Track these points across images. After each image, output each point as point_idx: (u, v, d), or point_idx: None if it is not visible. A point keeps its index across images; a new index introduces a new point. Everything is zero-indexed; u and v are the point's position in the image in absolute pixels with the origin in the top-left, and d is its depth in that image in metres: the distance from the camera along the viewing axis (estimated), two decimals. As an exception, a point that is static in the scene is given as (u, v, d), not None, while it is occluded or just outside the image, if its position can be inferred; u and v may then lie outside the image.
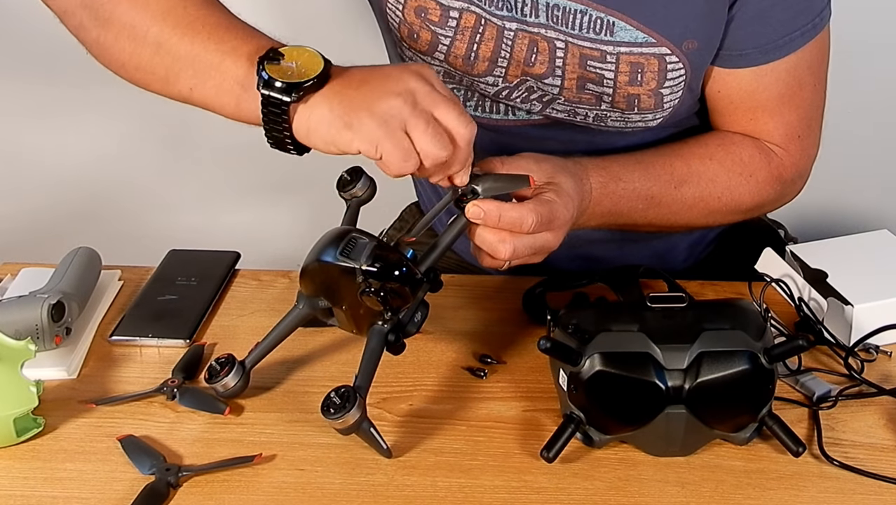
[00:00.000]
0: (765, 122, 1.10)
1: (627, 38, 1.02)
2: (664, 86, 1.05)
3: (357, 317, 0.90)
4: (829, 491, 0.85)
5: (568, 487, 0.85)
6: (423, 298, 0.91)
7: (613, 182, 1.02)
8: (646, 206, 1.05)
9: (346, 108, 0.83)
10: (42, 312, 0.98)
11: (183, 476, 0.86)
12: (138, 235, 1.62)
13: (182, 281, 1.13)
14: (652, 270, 1.08)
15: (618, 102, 1.06)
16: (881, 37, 1.66)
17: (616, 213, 1.04)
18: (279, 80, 0.83)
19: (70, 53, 1.03)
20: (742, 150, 1.10)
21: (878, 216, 1.66)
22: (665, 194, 1.06)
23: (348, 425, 0.85)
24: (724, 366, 0.84)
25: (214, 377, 0.93)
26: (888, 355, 1.01)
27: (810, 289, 1.06)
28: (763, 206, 1.14)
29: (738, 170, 1.09)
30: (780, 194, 1.13)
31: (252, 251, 1.22)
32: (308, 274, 0.91)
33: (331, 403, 0.85)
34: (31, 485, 0.87)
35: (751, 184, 1.10)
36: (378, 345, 0.89)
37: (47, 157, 1.85)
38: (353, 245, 0.88)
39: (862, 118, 1.74)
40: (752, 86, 1.07)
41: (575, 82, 1.05)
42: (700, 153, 1.09)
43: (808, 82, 1.09)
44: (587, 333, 0.86)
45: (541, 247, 0.91)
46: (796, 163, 1.12)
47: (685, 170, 1.07)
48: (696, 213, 1.09)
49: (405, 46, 1.09)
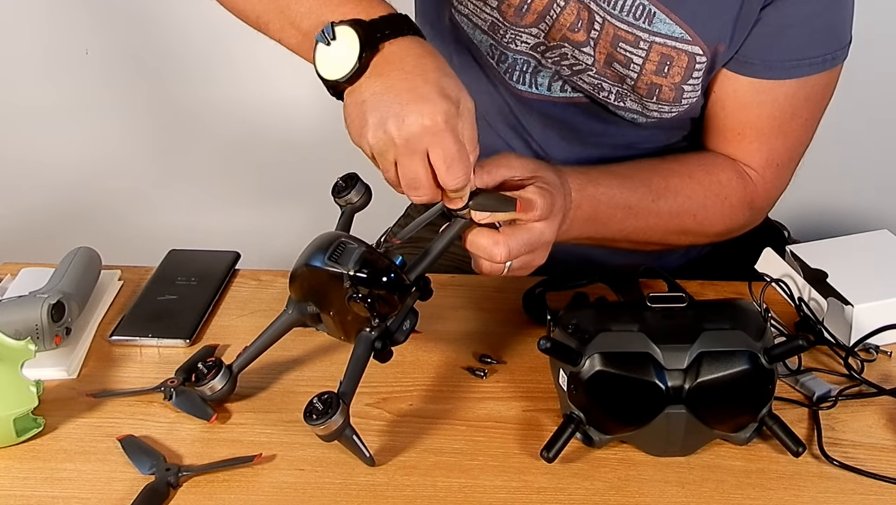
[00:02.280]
0: (750, 141, 1.10)
1: (665, 31, 1.03)
2: (687, 82, 1.06)
3: (345, 323, 0.89)
4: (829, 491, 0.85)
5: (568, 487, 0.85)
6: (413, 307, 0.90)
7: (592, 185, 1.01)
8: (624, 216, 1.04)
9: (377, 107, 0.83)
10: (42, 312, 0.98)
11: (183, 476, 0.86)
12: (138, 235, 1.62)
13: (182, 281, 1.13)
14: (652, 269, 1.08)
15: (639, 88, 1.07)
16: (882, 37, 1.66)
17: (595, 220, 1.03)
18: (322, 72, 0.85)
19: (70, 54, 1.03)
20: (721, 173, 1.10)
21: (877, 216, 1.66)
22: (642, 206, 1.05)
23: (330, 432, 0.84)
24: (724, 366, 0.84)
25: (201, 380, 0.93)
26: (888, 355, 1.01)
27: (810, 289, 1.06)
28: (731, 231, 1.14)
29: (715, 190, 1.09)
30: (748, 221, 1.14)
31: (252, 251, 1.22)
32: (297, 279, 0.91)
33: (313, 408, 0.84)
34: (31, 485, 0.87)
35: (724, 207, 1.10)
36: (364, 352, 0.88)
37: (48, 158, 1.85)
38: (342, 250, 0.87)
39: (862, 118, 1.74)
40: (747, 98, 1.08)
41: (604, 58, 1.06)
42: (679, 170, 1.09)
43: (802, 114, 1.09)
44: (587, 333, 0.86)
45: (536, 241, 0.90)
46: (768, 191, 1.13)
47: (663, 184, 1.07)
48: (671, 228, 1.09)
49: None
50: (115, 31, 1.70)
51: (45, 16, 1.14)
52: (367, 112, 0.83)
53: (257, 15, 0.94)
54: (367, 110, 0.83)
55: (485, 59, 1.15)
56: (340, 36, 0.84)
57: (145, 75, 1.74)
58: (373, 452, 0.88)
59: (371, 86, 0.83)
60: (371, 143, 0.83)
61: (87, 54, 1.74)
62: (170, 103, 1.76)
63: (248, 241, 1.25)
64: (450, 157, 0.81)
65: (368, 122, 0.82)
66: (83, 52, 1.73)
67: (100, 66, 1.74)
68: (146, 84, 1.75)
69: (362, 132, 0.83)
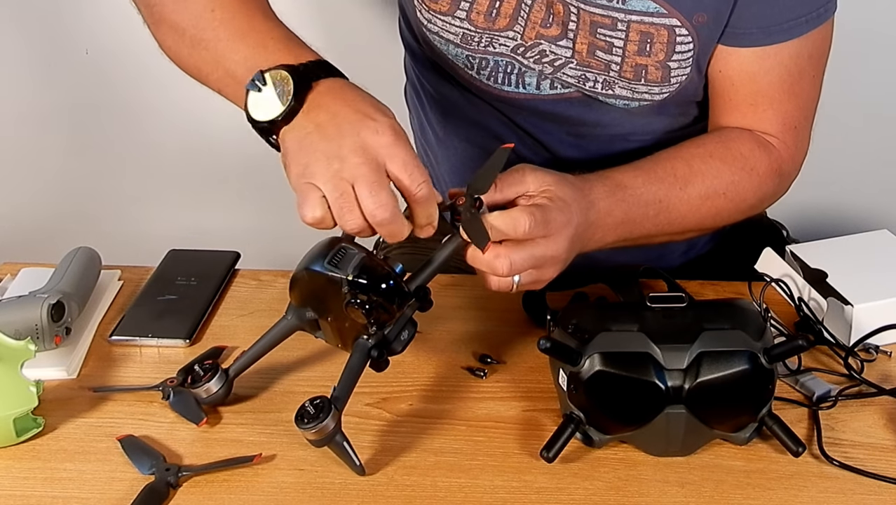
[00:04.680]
0: (764, 109, 1.09)
1: (639, 7, 1.03)
2: (672, 58, 1.06)
3: (342, 330, 0.89)
4: (829, 491, 0.85)
5: (568, 487, 0.85)
6: (412, 317, 0.90)
7: (620, 190, 1.01)
8: (656, 212, 1.04)
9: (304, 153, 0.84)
10: (42, 312, 0.98)
11: (183, 476, 0.86)
12: (138, 235, 1.62)
13: (182, 281, 1.13)
14: (652, 269, 1.08)
15: (625, 72, 1.07)
16: (883, 37, 1.66)
17: (629, 222, 1.02)
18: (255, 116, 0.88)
19: (70, 54, 1.04)
20: (741, 145, 1.10)
21: (878, 216, 1.66)
22: (672, 197, 1.05)
23: (321, 437, 0.84)
24: (723, 366, 0.84)
25: (196, 382, 0.93)
26: (888, 355, 1.01)
27: (810, 289, 1.06)
28: (763, 201, 1.13)
29: (740, 164, 1.09)
30: (778, 188, 1.13)
31: (252, 251, 1.22)
32: (297, 283, 0.90)
33: (305, 412, 0.83)
34: (31, 485, 0.87)
35: (753, 178, 1.09)
36: (360, 359, 0.87)
37: (48, 158, 1.85)
38: (342, 256, 0.87)
39: (863, 118, 1.74)
40: (754, 68, 1.08)
41: (585, 48, 1.07)
42: (700, 153, 1.08)
43: (808, 72, 1.09)
44: (587, 333, 0.86)
45: (541, 256, 0.89)
46: (793, 156, 1.12)
47: (687, 170, 1.06)
48: (704, 212, 1.08)
49: (424, 8, 1.10)
50: (115, 31, 1.70)
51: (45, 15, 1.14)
52: (317, 142, 0.84)
53: (198, 67, 0.97)
54: (316, 140, 0.84)
55: (465, 74, 1.15)
56: (271, 81, 0.87)
57: (145, 76, 1.74)
58: (373, 452, 0.89)
59: (315, 118, 0.85)
60: (327, 175, 0.82)
61: (87, 54, 1.74)
62: (170, 103, 1.76)
63: (248, 241, 1.25)
64: (409, 163, 0.82)
65: (319, 153, 0.83)
66: (83, 52, 1.73)
67: (100, 66, 1.74)
68: (146, 84, 1.75)
69: (313, 168, 0.83)
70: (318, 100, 0.86)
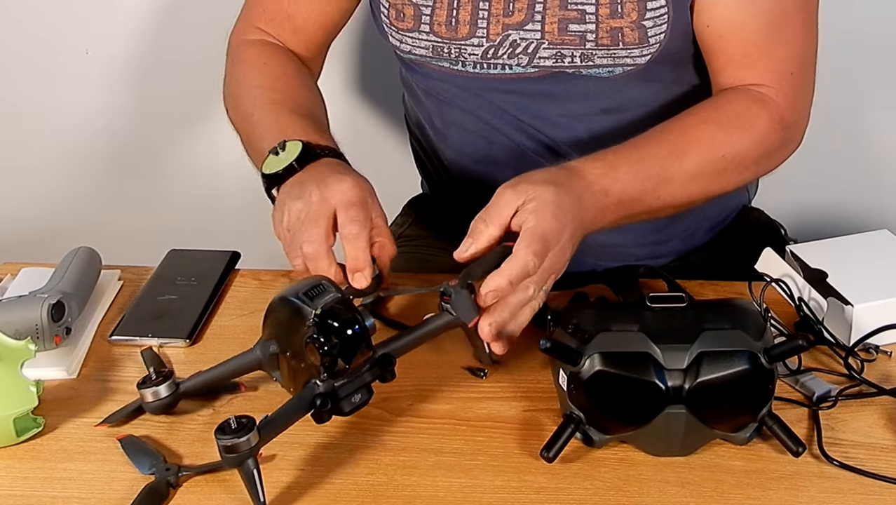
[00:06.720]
0: (757, 58, 1.09)
1: None
2: (645, 17, 1.07)
3: (296, 370, 0.86)
4: (829, 491, 0.85)
5: (568, 487, 0.85)
6: (370, 385, 0.87)
7: (612, 170, 1.00)
8: (655, 186, 1.02)
9: None
10: (42, 312, 0.98)
11: (183, 476, 0.86)
12: (138, 235, 1.62)
13: (182, 281, 1.13)
14: (652, 269, 1.08)
15: (602, 39, 1.08)
16: (883, 37, 1.66)
17: (628, 200, 1.01)
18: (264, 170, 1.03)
19: (70, 54, 1.03)
20: (736, 105, 1.09)
21: (878, 216, 1.66)
22: (670, 168, 1.04)
23: (233, 454, 0.80)
24: (723, 366, 0.84)
25: (146, 383, 0.92)
26: (888, 355, 1.01)
27: (810, 289, 1.06)
28: (769, 155, 1.11)
29: (737, 124, 1.08)
30: (785, 139, 1.11)
31: (252, 251, 1.22)
32: (270, 311, 0.89)
33: (226, 424, 0.81)
34: (31, 485, 0.87)
35: (752, 134, 1.08)
36: (303, 401, 0.84)
37: (47, 158, 1.85)
38: (320, 291, 0.85)
39: (863, 118, 1.74)
40: (739, 17, 1.08)
41: (556, 25, 1.08)
42: (693, 121, 1.08)
43: (795, 16, 1.09)
44: (587, 333, 0.86)
45: (549, 268, 0.91)
46: (793, 104, 1.11)
47: (682, 139, 1.06)
48: (706, 179, 1.07)
49: (394, 30, 1.15)
50: (115, 31, 1.70)
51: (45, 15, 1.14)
52: (294, 193, 0.96)
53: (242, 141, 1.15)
54: (296, 192, 0.96)
55: (450, 71, 1.16)
56: (289, 146, 1.01)
57: (145, 76, 1.74)
58: (373, 452, 0.88)
59: (302, 178, 0.98)
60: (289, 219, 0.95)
61: (87, 54, 1.74)
62: (170, 103, 1.76)
63: (248, 241, 1.25)
64: (352, 206, 0.93)
65: (290, 200, 0.96)
66: (83, 51, 1.73)
67: (100, 65, 1.74)
68: (146, 84, 1.75)
69: (284, 216, 0.96)
70: (316, 168, 0.99)
